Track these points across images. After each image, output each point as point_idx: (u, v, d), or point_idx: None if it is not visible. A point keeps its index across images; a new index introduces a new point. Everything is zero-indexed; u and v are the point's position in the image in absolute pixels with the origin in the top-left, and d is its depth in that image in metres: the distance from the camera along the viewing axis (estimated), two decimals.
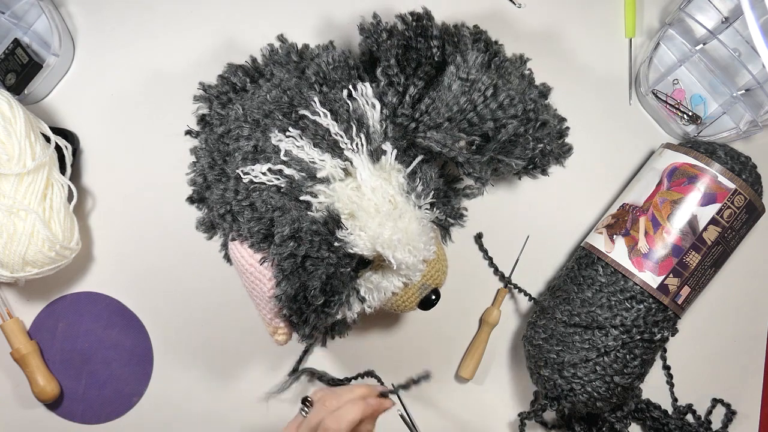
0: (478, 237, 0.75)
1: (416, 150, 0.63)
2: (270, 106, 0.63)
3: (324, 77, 0.64)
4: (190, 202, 0.70)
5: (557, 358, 0.68)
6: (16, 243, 0.64)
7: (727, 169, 0.66)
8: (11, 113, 0.65)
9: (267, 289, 0.60)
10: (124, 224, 0.73)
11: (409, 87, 0.62)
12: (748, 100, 0.73)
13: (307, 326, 0.60)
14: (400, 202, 0.60)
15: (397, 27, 0.63)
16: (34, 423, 0.73)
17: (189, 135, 0.71)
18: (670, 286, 0.66)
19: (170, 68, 0.74)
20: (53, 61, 0.71)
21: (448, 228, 0.71)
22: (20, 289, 0.73)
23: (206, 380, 0.74)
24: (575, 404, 0.68)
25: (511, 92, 0.64)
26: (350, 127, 0.61)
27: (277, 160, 0.60)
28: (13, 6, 0.72)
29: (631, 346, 0.66)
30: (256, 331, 0.73)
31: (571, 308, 0.68)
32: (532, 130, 0.66)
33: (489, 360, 0.75)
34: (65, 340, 0.73)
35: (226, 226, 0.64)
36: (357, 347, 0.74)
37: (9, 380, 0.73)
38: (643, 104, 0.77)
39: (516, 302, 0.76)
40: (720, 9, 0.73)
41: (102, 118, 0.74)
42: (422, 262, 0.61)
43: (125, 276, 0.73)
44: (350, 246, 0.58)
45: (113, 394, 0.73)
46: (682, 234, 0.66)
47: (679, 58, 0.75)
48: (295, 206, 0.60)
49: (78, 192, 0.70)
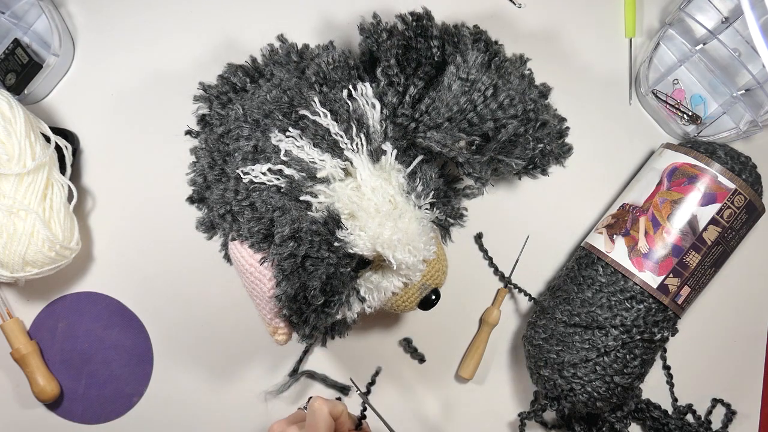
0: (478, 237, 0.75)
1: (416, 150, 0.63)
2: (270, 106, 0.63)
3: (324, 77, 0.64)
4: (190, 202, 0.70)
5: (557, 358, 0.68)
6: (16, 243, 0.64)
7: (727, 169, 0.66)
8: (11, 113, 0.65)
9: (267, 289, 0.60)
10: (124, 224, 0.73)
11: (409, 87, 0.62)
12: (748, 100, 0.73)
13: (307, 326, 0.60)
14: (400, 202, 0.60)
15: (397, 27, 0.63)
16: (34, 423, 0.73)
17: (189, 135, 0.71)
18: (670, 286, 0.66)
19: (170, 68, 0.74)
20: (53, 61, 0.71)
21: (448, 228, 0.71)
22: (20, 289, 0.73)
23: (206, 380, 0.74)
24: (575, 404, 0.68)
25: (511, 92, 0.64)
26: (350, 127, 0.61)
27: (277, 160, 0.60)
28: (13, 6, 0.72)
29: (631, 346, 0.66)
30: (256, 331, 0.73)
31: (571, 308, 0.68)
32: (532, 130, 0.66)
33: (489, 360, 0.75)
34: (65, 340, 0.73)
35: (226, 226, 0.64)
36: (357, 347, 0.74)
37: (9, 380, 0.73)
38: (643, 104, 0.77)
39: (516, 302, 0.76)
40: (720, 9, 0.73)
41: (102, 118, 0.74)
42: (422, 262, 0.61)
43: (125, 276, 0.73)
44: (350, 246, 0.58)
45: (113, 394, 0.73)
46: (682, 234, 0.66)
47: (679, 58, 0.75)
48: (295, 206, 0.60)
49: (78, 192, 0.70)
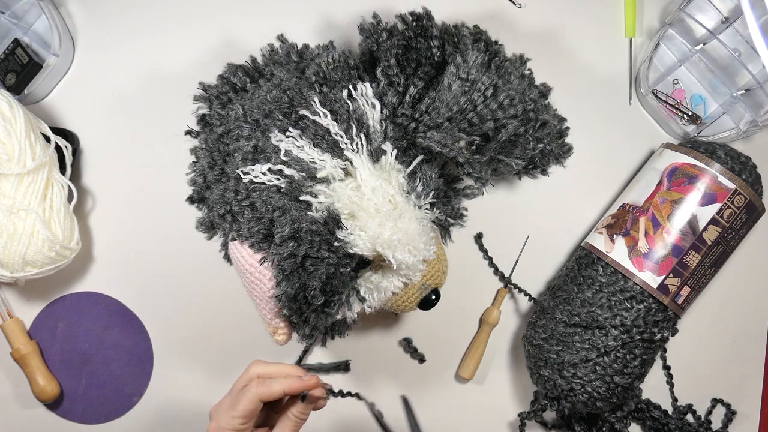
0: (478, 237, 0.75)
1: (416, 150, 0.63)
2: (270, 106, 0.63)
3: (324, 77, 0.64)
4: (190, 202, 0.70)
5: (557, 358, 0.68)
6: (16, 243, 0.64)
7: (727, 169, 0.66)
8: (11, 113, 0.65)
9: (267, 289, 0.60)
10: (124, 224, 0.73)
11: (409, 87, 0.62)
12: (748, 100, 0.73)
13: (307, 326, 0.60)
14: (400, 202, 0.60)
15: (397, 27, 0.63)
16: (34, 423, 0.73)
17: (189, 135, 0.71)
18: (670, 286, 0.66)
19: (170, 68, 0.74)
20: (53, 61, 0.71)
21: (448, 228, 0.71)
22: (20, 289, 0.73)
23: (206, 380, 0.74)
24: (575, 404, 0.68)
25: (511, 92, 0.64)
26: (350, 127, 0.61)
27: (277, 160, 0.60)
28: (13, 6, 0.72)
29: (631, 346, 0.66)
30: (256, 331, 0.73)
31: (571, 308, 0.68)
32: (532, 130, 0.66)
33: (489, 360, 0.75)
34: (65, 340, 0.73)
35: (226, 226, 0.64)
36: (357, 347, 0.74)
37: (9, 380, 0.73)
38: (643, 104, 0.77)
39: (516, 302, 0.76)
40: (720, 9, 0.73)
41: (102, 118, 0.74)
42: (422, 262, 0.61)
43: (125, 276, 0.73)
44: (350, 246, 0.58)
45: (113, 394, 0.73)
46: (682, 234, 0.66)
47: (679, 58, 0.75)
48: (295, 206, 0.60)
49: (78, 192, 0.70)
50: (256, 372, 0.55)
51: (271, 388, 0.53)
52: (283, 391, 0.53)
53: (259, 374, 0.55)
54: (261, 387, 0.53)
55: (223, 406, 0.55)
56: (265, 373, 0.55)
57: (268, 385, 0.53)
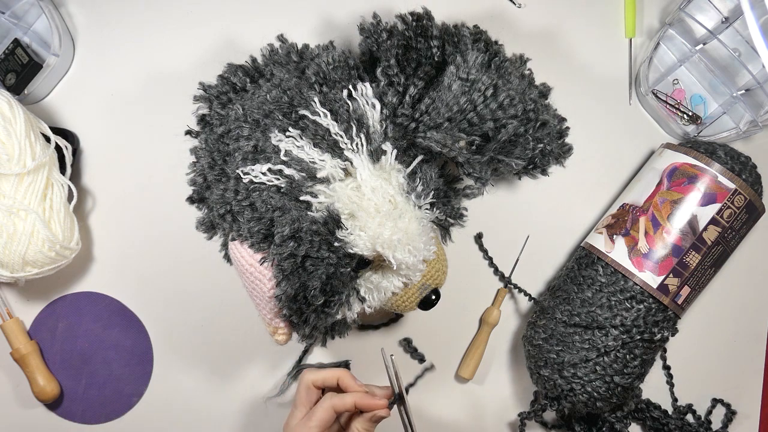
0: (478, 237, 0.75)
1: (416, 150, 0.63)
2: (270, 106, 0.63)
3: (324, 77, 0.63)
4: (190, 202, 0.70)
5: (557, 358, 0.68)
6: (16, 243, 0.64)
7: (727, 169, 0.66)
8: (11, 113, 0.65)
9: (267, 289, 0.60)
10: (124, 224, 0.73)
11: (409, 87, 0.62)
12: (748, 100, 0.73)
13: (307, 326, 0.60)
14: (400, 202, 0.60)
15: (397, 27, 0.63)
16: (34, 423, 0.73)
17: (189, 135, 0.71)
18: (670, 286, 0.66)
19: (170, 68, 0.74)
20: (53, 61, 0.71)
21: (448, 228, 0.71)
22: (20, 289, 0.73)
23: (206, 380, 0.74)
24: (575, 404, 0.68)
25: (511, 92, 0.64)
26: (350, 127, 0.61)
27: (277, 160, 0.60)
28: (13, 6, 0.72)
29: (631, 346, 0.66)
30: (256, 331, 0.73)
31: (571, 308, 0.68)
32: (532, 130, 0.66)
33: (489, 360, 0.75)
34: (65, 340, 0.73)
35: (226, 226, 0.64)
36: (357, 347, 0.74)
37: (9, 380, 0.73)
38: (643, 104, 0.77)
39: (516, 302, 0.76)
40: (720, 9, 0.73)
41: (102, 118, 0.74)
42: (422, 262, 0.61)
43: (125, 276, 0.73)
44: (350, 246, 0.58)
45: (113, 394, 0.73)
46: (682, 234, 0.66)
47: (679, 58, 0.75)
48: (295, 206, 0.60)
49: (78, 192, 0.70)
50: (309, 380, 0.61)
51: (344, 399, 0.58)
52: (354, 403, 0.58)
53: (312, 381, 0.61)
54: (335, 398, 0.58)
55: (295, 418, 0.60)
56: (317, 379, 0.60)
57: (342, 397, 0.58)
